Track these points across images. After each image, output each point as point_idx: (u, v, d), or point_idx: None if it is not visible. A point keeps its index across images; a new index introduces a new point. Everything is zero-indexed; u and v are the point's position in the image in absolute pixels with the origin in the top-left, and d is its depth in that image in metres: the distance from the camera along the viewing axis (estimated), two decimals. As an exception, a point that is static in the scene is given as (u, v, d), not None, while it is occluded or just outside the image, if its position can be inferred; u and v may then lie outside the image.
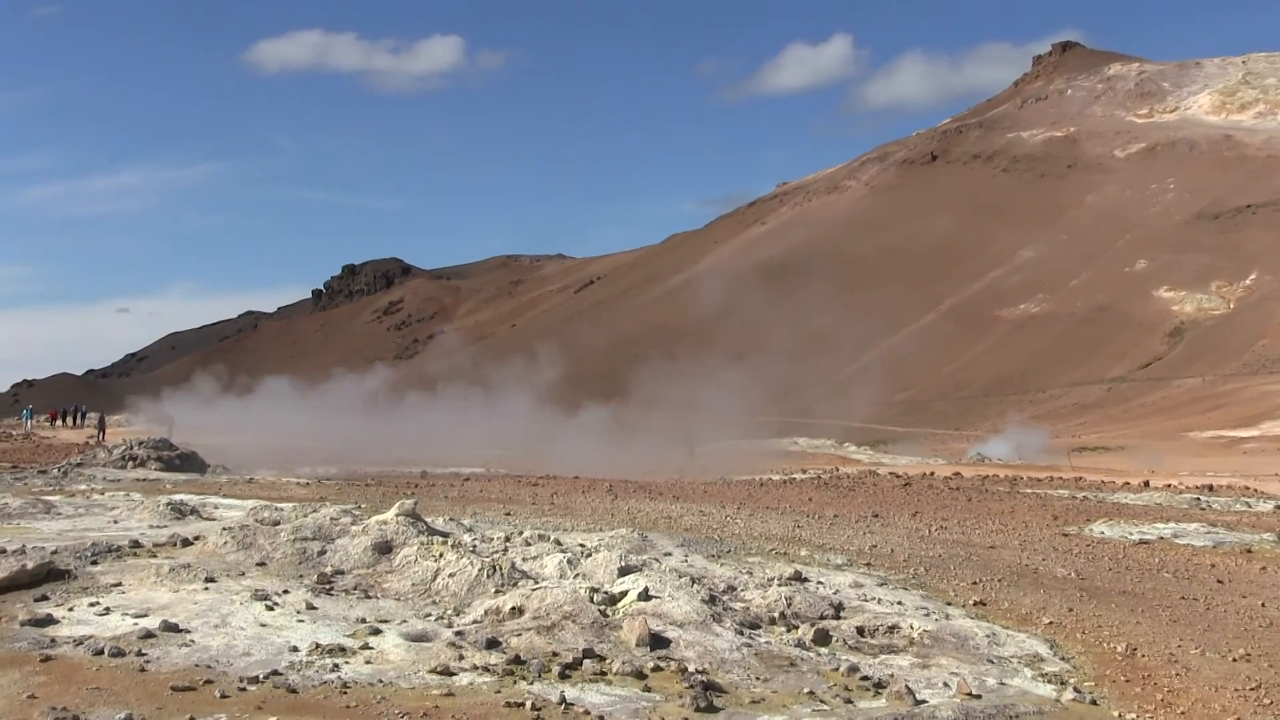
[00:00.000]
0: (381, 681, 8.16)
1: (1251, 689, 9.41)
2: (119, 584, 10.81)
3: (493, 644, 8.80)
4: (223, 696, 7.66)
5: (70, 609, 9.76)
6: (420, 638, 8.99)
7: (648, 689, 8.21)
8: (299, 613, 9.88)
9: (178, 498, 17.46)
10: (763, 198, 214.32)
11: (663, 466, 36.91)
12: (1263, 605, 12.81)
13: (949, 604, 11.70)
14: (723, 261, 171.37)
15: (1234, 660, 10.26)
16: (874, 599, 11.54)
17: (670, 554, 12.29)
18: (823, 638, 9.72)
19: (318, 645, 8.87)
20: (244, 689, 7.87)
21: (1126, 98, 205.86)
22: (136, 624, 9.24)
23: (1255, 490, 31.25)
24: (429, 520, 12.98)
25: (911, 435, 77.17)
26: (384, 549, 11.52)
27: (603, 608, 9.68)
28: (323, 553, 11.78)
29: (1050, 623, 11.18)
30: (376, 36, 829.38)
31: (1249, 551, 17.37)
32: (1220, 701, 9.04)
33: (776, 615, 10.29)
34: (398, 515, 12.20)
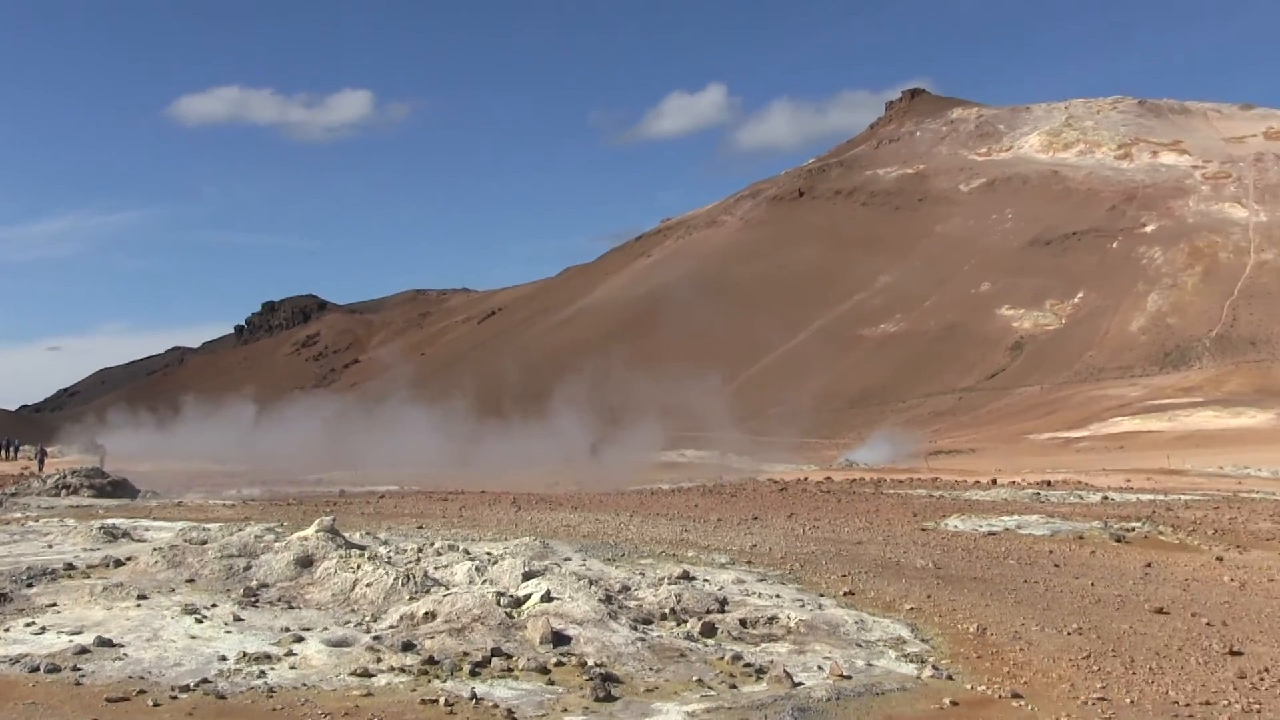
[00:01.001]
0: (305, 685, 8.14)
1: (1083, 658, 9.64)
2: (54, 604, 10.66)
3: (408, 646, 8.78)
4: (155, 705, 7.62)
5: (6, 630, 9.62)
6: (341, 643, 8.94)
7: (551, 682, 8.25)
8: (227, 624, 9.77)
9: (110, 522, 17.08)
10: (649, 232, 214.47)
11: (565, 477, 36.87)
12: (1092, 585, 13.08)
13: (822, 595, 11.81)
14: (613, 291, 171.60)
15: (1068, 634, 10.47)
16: (755, 593, 11.62)
17: (570, 559, 12.32)
18: (709, 630, 9.78)
19: (245, 654, 8.79)
20: (175, 697, 7.83)
21: (968, 138, 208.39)
22: (71, 641, 9.11)
23: (1086, 484, 31.81)
24: (347, 535, 12.89)
25: (787, 444, 77.48)
26: (305, 563, 11.42)
27: (509, 610, 9.68)
28: (248, 568, 11.65)
29: (911, 608, 11.33)
30: (291, 91, 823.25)
31: (1081, 538, 17.69)
32: (1056, 671, 9.24)
33: (667, 611, 10.34)
34: (317, 531, 12.11)
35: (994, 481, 32.83)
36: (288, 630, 9.53)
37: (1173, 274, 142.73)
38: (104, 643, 9.07)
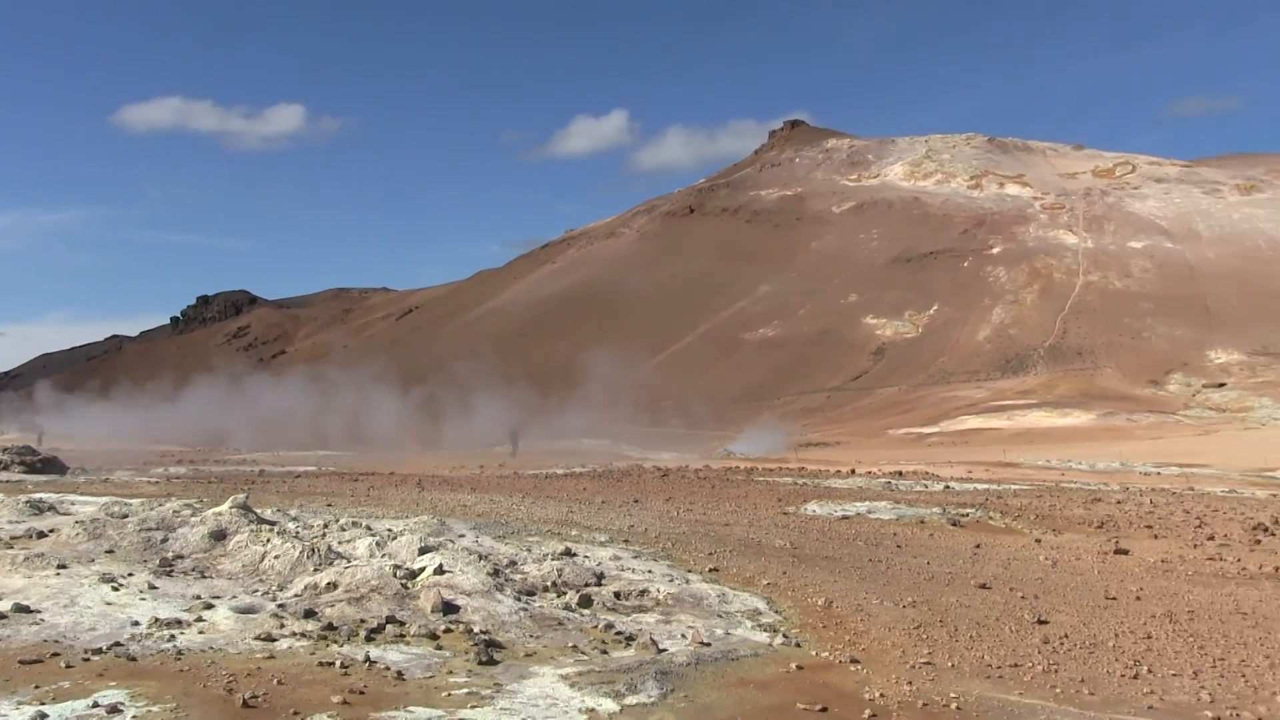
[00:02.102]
0: (212, 648, 8.07)
1: (914, 628, 9.82)
2: (-26, 574, 10.42)
3: (310, 614, 8.72)
4: (68, 667, 7.52)
5: (-74, 597, 9.34)
6: (248, 610, 8.88)
7: (439, 648, 8.26)
8: (141, 592, 9.64)
9: (37, 496, 16.67)
10: (553, 241, 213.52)
11: (473, 463, 36.73)
12: (928, 564, 13.30)
13: (689, 571, 11.89)
14: (520, 293, 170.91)
15: (904, 607, 10.65)
16: (629, 569, 11.67)
17: (463, 536, 12.30)
18: (586, 601, 9.83)
19: (157, 619, 8.69)
20: (88, 659, 7.73)
21: (841, 165, 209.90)
22: (-11, 608, 8.87)
23: (932, 474, 32.20)
24: (259, 511, 12.75)
25: (673, 436, 77.67)
26: (219, 536, 11.29)
27: (404, 582, 9.67)
28: (165, 540, 11.50)
29: (768, 583, 11.44)
30: (230, 104, 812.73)
31: (922, 522, 17.94)
32: (891, 639, 9.41)
33: (549, 584, 10.36)
34: (231, 507, 11.98)
35: (852, 471, 33.11)
36: (199, 598, 9.44)
37: (1014, 291, 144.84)
38: (21, 609, 8.92)
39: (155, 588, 9.81)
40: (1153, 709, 7.95)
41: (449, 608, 9.08)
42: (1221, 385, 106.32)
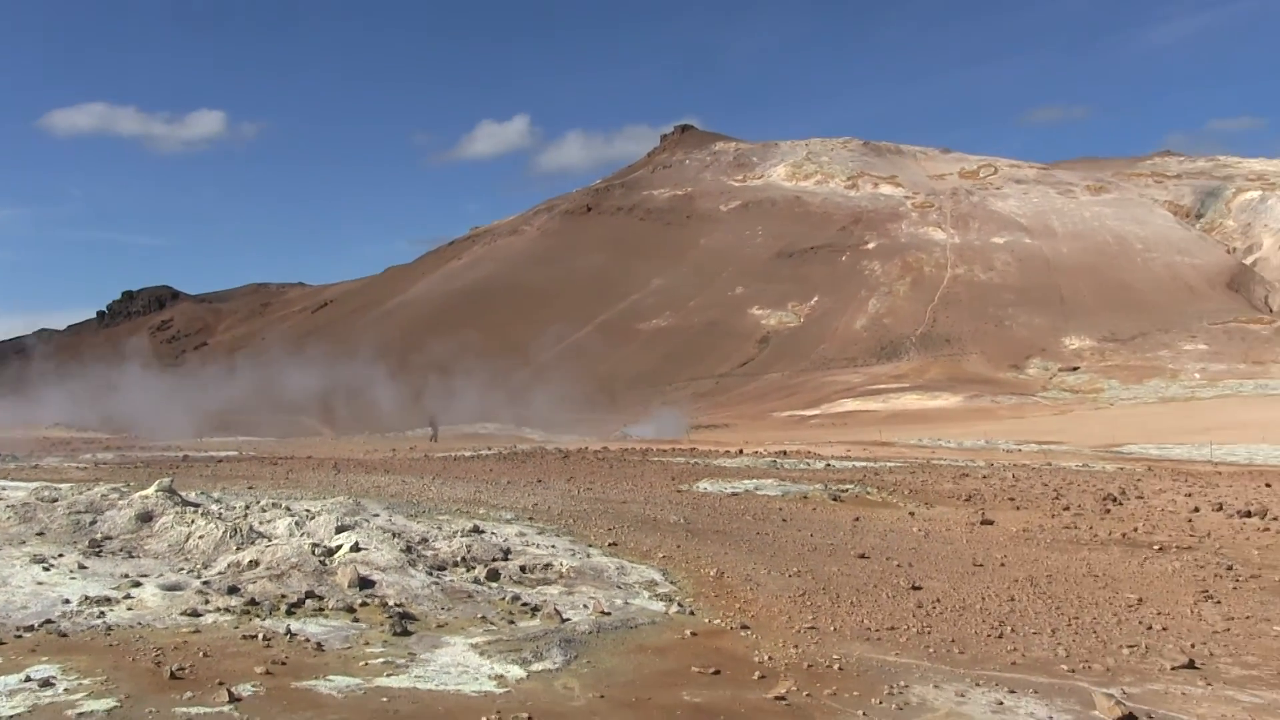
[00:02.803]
0: (140, 624, 7.94)
1: (800, 595, 9.93)
2: (-96, 558, 10.17)
3: (233, 590, 8.61)
4: (0, 644, 7.39)
5: None
6: (174, 588, 8.73)
7: (356, 620, 8.20)
8: (71, 572, 9.44)
9: (-35, 484, 16.32)
10: (460, 238, 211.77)
11: (385, 446, 36.42)
12: (811, 536, 13.44)
13: (590, 546, 11.90)
14: (429, 287, 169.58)
15: (790, 576, 10.76)
16: (534, 544, 11.66)
17: (378, 515, 12.19)
18: (494, 575, 9.80)
19: (87, 597, 8.52)
20: (20, 636, 7.57)
21: (727, 167, 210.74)
22: (-81, 589, 8.63)
23: (814, 454, 32.52)
24: (184, 494, 12.51)
25: (573, 420, 77.60)
26: (146, 518, 11.06)
27: (322, 559, 9.57)
28: (94, 523, 11.24)
29: (664, 556, 11.49)
30: (153, 109, 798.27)
31: (805, 498, 18.11)
32: (778, 606, 9.50)
33: (459, 559, 10.32)
34: (157, 491, 11.74)
35: (740, 451, 33.32)
36: (127, 576, 9.27)
37: (888, 283, 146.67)
38: (-48, 590, 8.71)
39: (85, 567, 9.61)
40: (1015, 665, 8.13)
41: (365, 583, 9.01)
42: (1075, 369, 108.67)
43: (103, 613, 8.17)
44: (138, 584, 9.00)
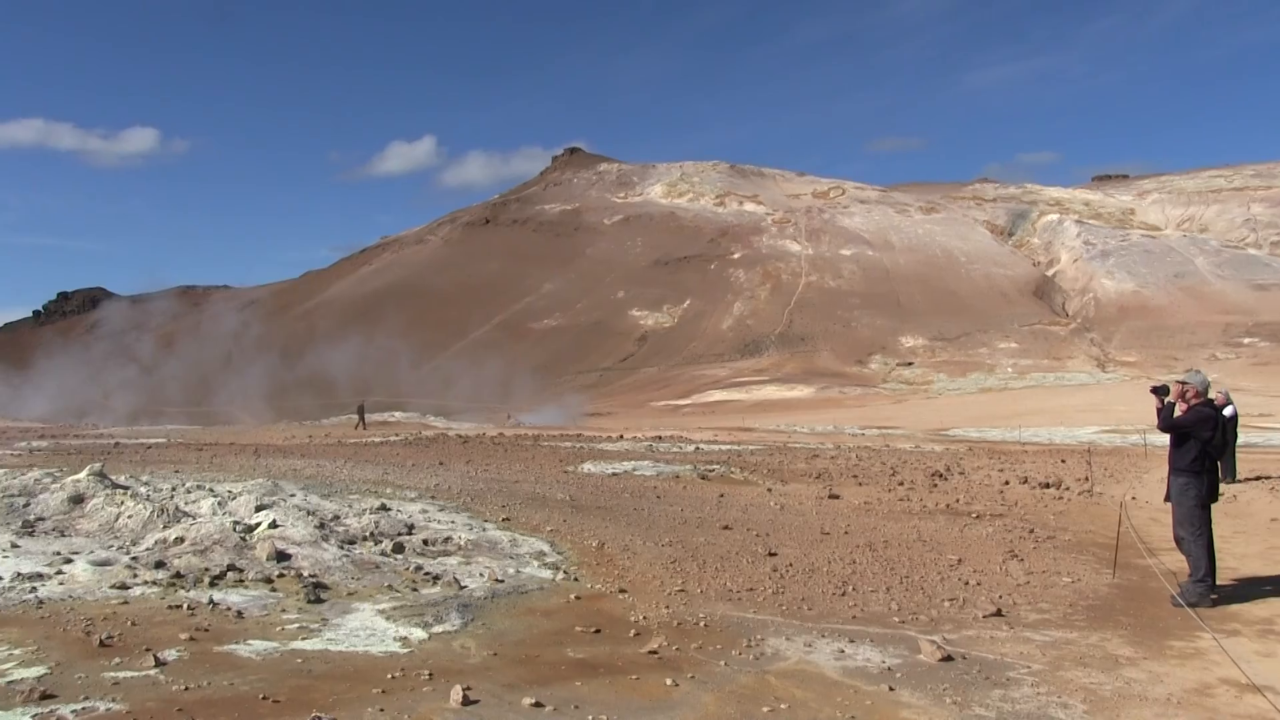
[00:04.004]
0: (71, 597, 7.67)
1: (671, 563, 9.97)
2: None
3: (160, 565, 8.36)
4: (-67, 620, 7.10)
5: None
6: (104, 563, 8.43)
7: (274, 590, 8.04)
8: (4, 551, 9.03)
9: (-99, 469, 15.58)
10: (371, 246, 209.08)
11: (303, 433, 35.80)
12: (681, 510, 13.50)
13: (486, 521, 11.82)
14: (342, 291, 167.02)
15: (662, 546, 10.80)
16: (436, 520, 11.53)
17: (294, 495, 11.94)
18: (399, 548, 9.68)
19: (19, 574, 8.18)
20: (-46, 612, 7.31)
21: (611, 185, 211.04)
22: None
23: (685, 438, 32.72)
24: (114, 478, 12.11)
25: (473, 409, 77.02)
26: (77, 500, 10.67)
27: (243, 535, 9.35)
28: (27, 505, 10.82)
29: (551, 529, 11.46)
30: (90, 126, 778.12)
31: (677, 477, 18.20)
32: (652, 572, 9.53)
33: (368, 534, 10.16)
34: (89, 475, 11.33)
35: (621, 437, 33.44)
36: (59, 554, 8.93)
37: (751, 289, 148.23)
38: (-113, 571, 8.31)
39: (18, 546, 9.25)
40: (855, 618, 8.27)
41: (282, 556, 8.83)
42: (910, 364, 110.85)
43: (34, 588, 7.86)
44: (69, 560, 8.68)
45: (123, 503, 10.36)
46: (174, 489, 12.05)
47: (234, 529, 9.44)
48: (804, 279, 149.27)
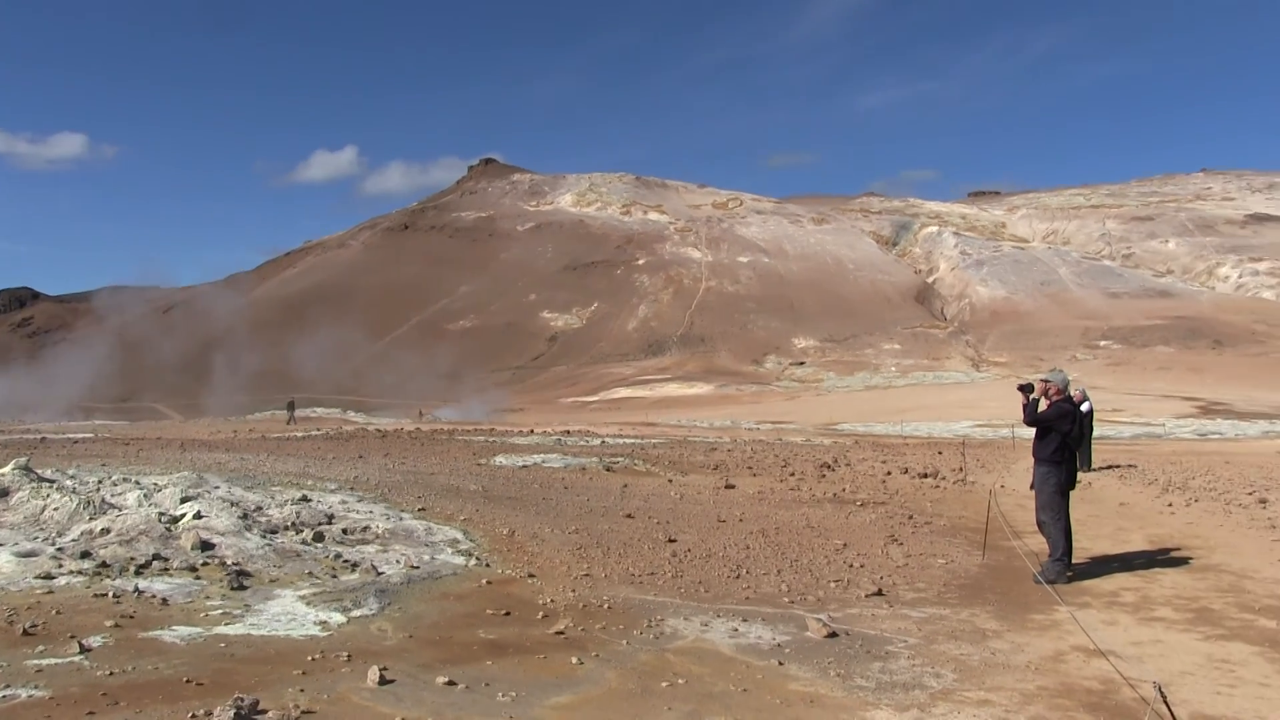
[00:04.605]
0: (-4, 588, 7.47)
1: (577, 549, 9.99)
2: None
3: (85, 555, 8.09)
4: None
5: None
6: (29, 554, 8.15)
7: (198, 578, 7.87)
8: (-70, 546, 8.75)
9: None
10: (294, 250, 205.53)
11: (227, 428, 35.03)
12: (587, 500, 13.52)
13: (403, 511, 11.71)
14: (266, 293, 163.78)
15: (569, 533, 10.81)
16: (355, 510, 11.38)
17: (218, 487, 11.67)
18: (319, 537, 9.54)
19: (-60, 567, 7.92)
20: (-125, 607, 7.03)
21: (523, 194, 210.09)
22: None
23: (592, 433, 32.75)
24: (41, 471, 11.72)
25: (391, 405, 76.19)
26: (3, 493, 10.23)
27: (168, 526, 9.12)
28: (-51, 499, 10.43)
29: (464, 519, 11.39)
30: (17, 130, 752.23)
31: (584, 469, 18.17)
32: (559, 558, 9.54)
33: (289, 524, 9.98)
34: (14, 468, 10.92)
35: (531, 431, 33.31)
36: (-16, 547, 8.64)
37: (655, 293, 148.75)
38: None
39: (-59, 540, 8.92)
40: (748, 599, 8.38)
41: (206, 545, 8.64)
42: (802, 364, 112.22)
43: (-40, 580, 7.59)
44: (-7, 553, 8.40)
45: (49, 495, 10.01)
46: (100, 482, 11.69)
47: (159, 520, 9.21)
48: (704, 284, 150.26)
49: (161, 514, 9.51)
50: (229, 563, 8.29)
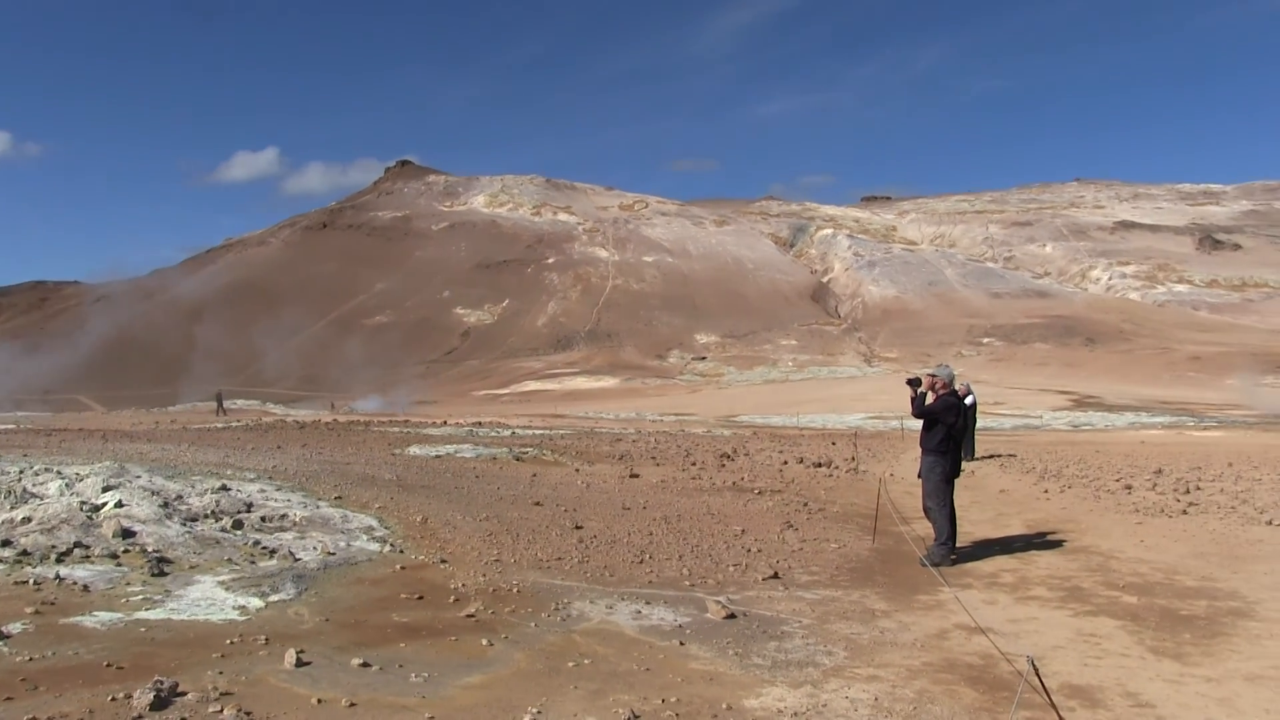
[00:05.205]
0: (-85, 578, 7.21)
1: (488, 535, 9.97)
2: None
3: (6, 543, 7.86)
4: None
5: None
6: None
7: (119, 564, 7.70)
8: None
9: None
10: (216, 247, 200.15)
11: (149, 419, 34.07)
12: (498, 489, 13.47)
13: (320, 499, 11.55)
14: (189, 289, 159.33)
15: (480, 520, 10.78)
16: (273, 499, 11.20)
17: (140, 477, 11.37)
18: (238, 525, 9.39)
19: None
20: None
21: (438, 195, 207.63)
22: None
23: (503, 424, 32.60)
24: (-40, 463, 11.36)
25: (310, 397, 74.85)
26: None
27: (89, 514, 8.89)
28: None
29: (379, 506, 11.28)
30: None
31: (494, 459, 18.08)
32: (471, 544, 9.52)
33: (209, 512, 9.79)
34: None
35: (444, 423, 33.04)
36: (-98, 537, 8.33)
37: (564, 290, 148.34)
38: None
39: None
40: (652, 583, 8.48)
41: (127, 533, 8.44)
42: (704, 358, 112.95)
43: (-124, 570, 7.31)
44: (-87, 543, 8.10)
45: (-33, 486, 9.69)
46: (21, 472, 11.32)
47: (81, 509, 8.96)
48: (611, 282, 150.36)
49: (83, 503, 9.26)
50: (150, 550, 8.12)
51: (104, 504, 9.39)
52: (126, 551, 8.06)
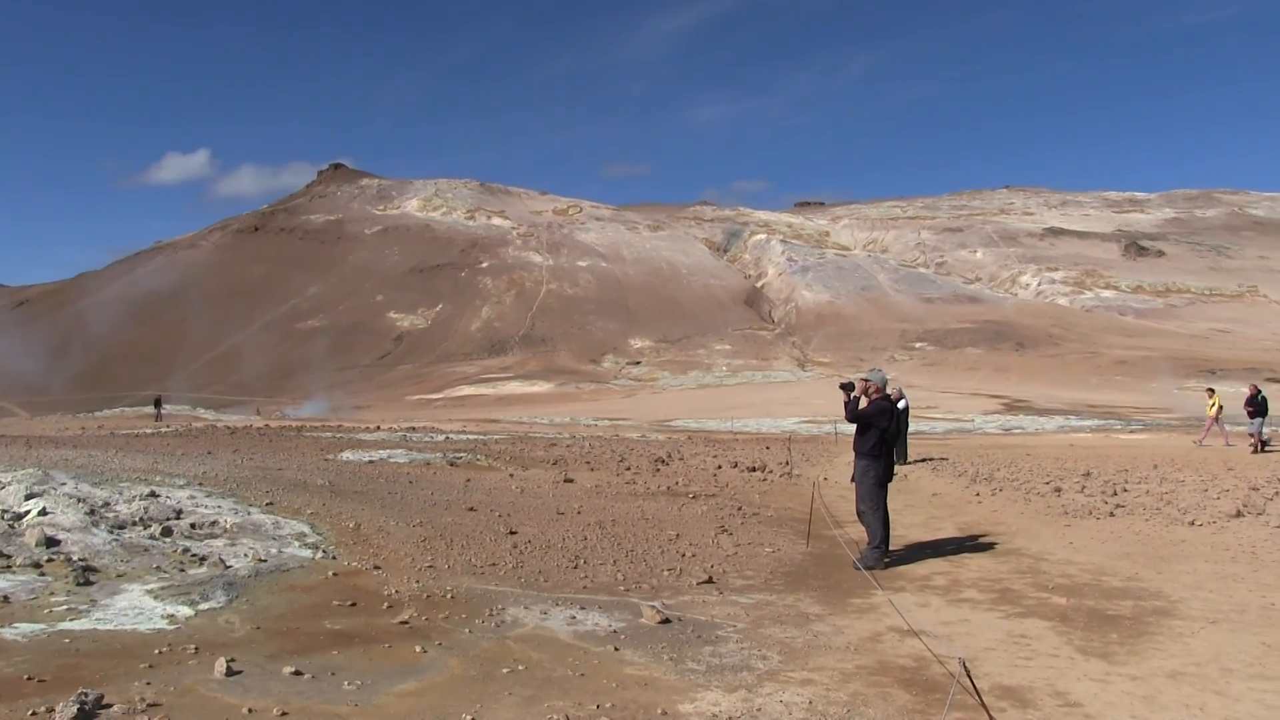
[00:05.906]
0: None
1: (422, 541, 9.88)
2: None
3: None
4: None
5: None
6: None
7: (43, 574, 7.49)
8: None
9: None
10: (146, 249, 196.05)
11: (76, 425, 33.20)
12: (432, 494, 13.35)
13: (251, 505, 11.35)
14: (117, 292, 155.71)
15: (414, 526, 10.66)
16: (203, 505, 10.97)
17: (65, 484, 11.05)
18: (168, 532, 9.19)
19: None
20: None
21: (372, 199, 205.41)
22: None
23: (437, 429, 32.37)
24: (-121, 472, 10.98)
25: (242, 402, 73.56)
26: None
27: (11, 523, 8.63)
28: None
29: (312, 513, 11.11)
30: None
31: (428, 464, 17.93)
32: (404, 550, 9.39)
33: (137, 519, 9.57)
34: None
35: (378, 427, 32.71)
36: None
37: (498, 295, 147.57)
38: None
39: None
40: (586, 588, 8.47)
41: (51, 542, 8.20)
42: (638, 363, 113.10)
43: None
44: None
45: (-119, 495, 9.35)
46: (-62, 480, 10.96)
47: (2, 517, 8.69)
48: (545, 287, 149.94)
49: (4, 511, 8.99)
50: (75, 559, 7.90)
51: (27, 512, 9.11)
52: (50, 560, 7.83)
